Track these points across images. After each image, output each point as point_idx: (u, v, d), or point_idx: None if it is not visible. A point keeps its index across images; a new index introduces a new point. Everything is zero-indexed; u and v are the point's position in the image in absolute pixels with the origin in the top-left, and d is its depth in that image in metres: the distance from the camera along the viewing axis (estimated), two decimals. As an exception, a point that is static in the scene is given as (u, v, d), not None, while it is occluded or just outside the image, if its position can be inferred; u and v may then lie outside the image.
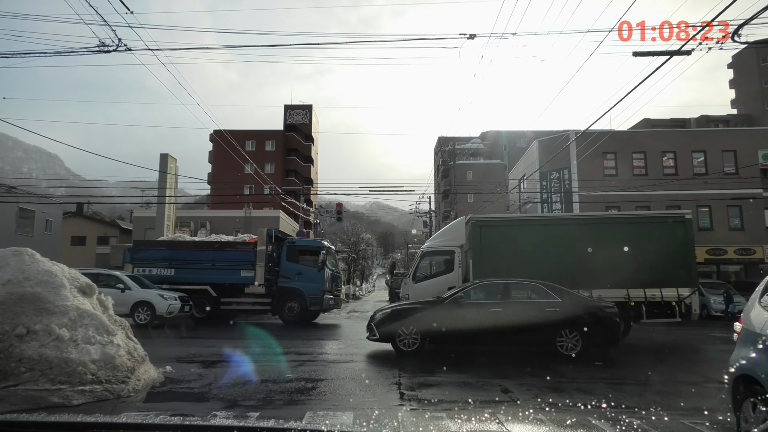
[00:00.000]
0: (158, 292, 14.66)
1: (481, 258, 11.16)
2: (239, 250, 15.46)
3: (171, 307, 14.21)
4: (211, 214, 36.31)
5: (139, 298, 14.07)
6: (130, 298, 14.05)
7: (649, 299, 10.95)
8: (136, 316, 13.82)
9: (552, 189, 25.61)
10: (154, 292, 14.54)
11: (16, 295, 5.67)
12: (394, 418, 4.57)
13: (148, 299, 14.15)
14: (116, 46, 10.16)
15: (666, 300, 10.92)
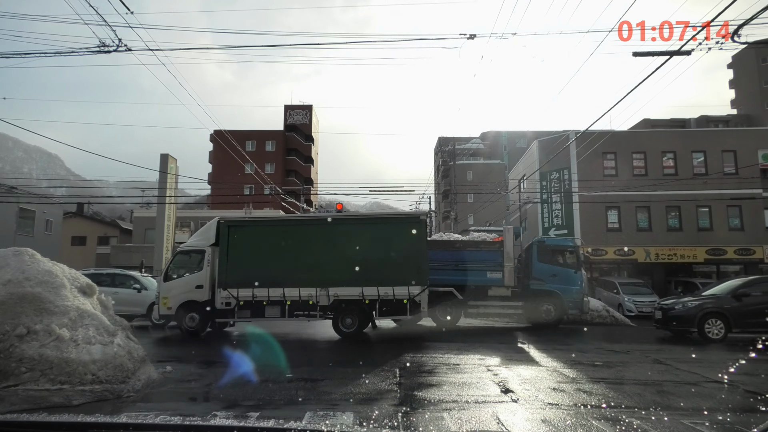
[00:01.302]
0: None
1: (227, 257, 11.40)
2: (485, 250, 14.38)
3: None
4: (211, 214, 36.27)
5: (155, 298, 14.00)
6: (146, 299, 14.01)
7: (382, 297, 11.25)
8: (152, 317, 13.73)
9: (552, 189, 25.62)
10: None
11: (16, 295, 5.67)
12: (394, 417, 4.57)
13: None
14: (116, 46, 10.17)
15: (398, 298, 11.23)
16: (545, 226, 25.94)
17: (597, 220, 24.37)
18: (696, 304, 11.73)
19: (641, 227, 24.47)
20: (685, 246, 23.59)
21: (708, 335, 11.23)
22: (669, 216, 24.42)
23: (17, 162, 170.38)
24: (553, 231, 25.52)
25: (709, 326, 11.26)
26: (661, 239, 23.92)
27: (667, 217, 24.41)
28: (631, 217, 24.45)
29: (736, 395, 5.97)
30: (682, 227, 24.25)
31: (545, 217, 26.03)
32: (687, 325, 11.47)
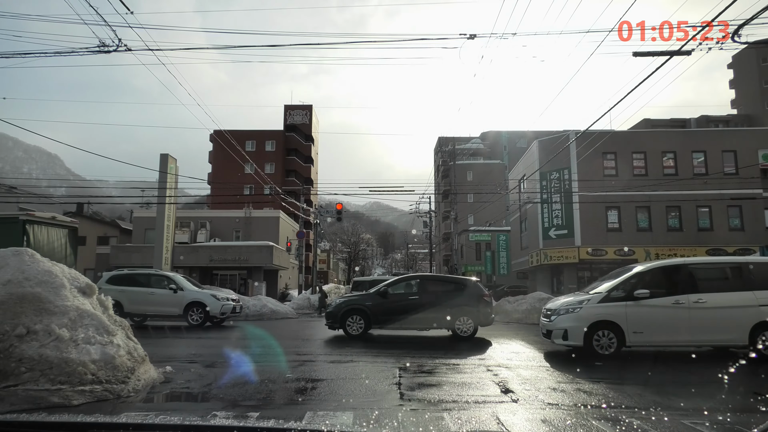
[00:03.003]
0: (211, 293, 14.45)
1: None
2: None
3: (224, 308, 14.01)
4: (211, 215, 36.32)
5: (192, 299, 13.84)
6: (183, 299, 13.87)
7: None
8: (189, 317, 13.70)
9: (552, 189, 25.61)
10: (206, 293, 14.35)
11: (16, 295, 5.67)
12: (394, 418, 4.57)
13: (201, 300, 13.91)
14: (116, 46, 10.17)
15: None
16: (545, 226, 25.95)
17: (597, 220, 24.38)
18: (341, 301, 12.02)
19: (641, 227, 24.49)
20: (685, 246, 23.60)
21: (349, 331, 11.35)
22: (669, 216, 24.43)
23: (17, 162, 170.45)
24: (553, 231, 25.54)
25: (350, 323, 11.38)
26: (662, 239, 23.93)
27: (668, 217, 24.42)
28: (631, 217, 24.46)
29: (736, 395, 5.97)
30: (682, 227, 24.26)
31: (545, 217, 26.04)
32: (332, 321, 11.68)
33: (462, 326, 11.23)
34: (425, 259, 68.62)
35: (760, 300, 8.32)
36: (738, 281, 8.74)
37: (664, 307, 8.43)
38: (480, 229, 41.80)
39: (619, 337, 8.46)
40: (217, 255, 30.10)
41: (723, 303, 8.41)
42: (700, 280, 8.89)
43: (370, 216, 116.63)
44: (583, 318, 8.64)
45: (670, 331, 8.42)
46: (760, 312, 8.24)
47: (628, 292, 8.67)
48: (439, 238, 59.59)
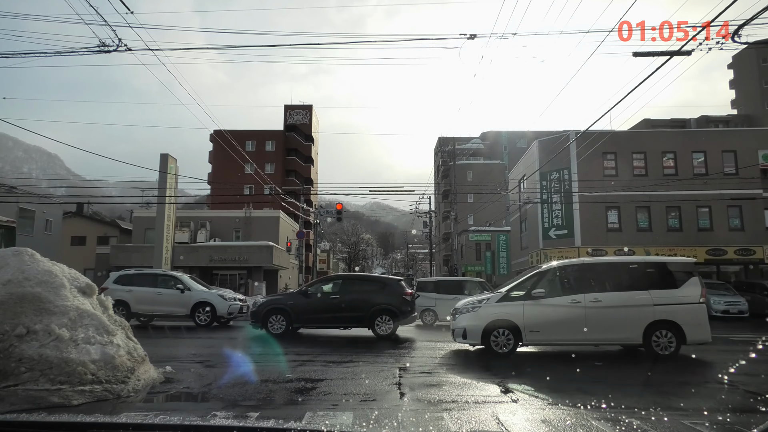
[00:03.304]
0: (218, 293, 14.46)
1: None
2: None
3: (231, 308, 14.06)
4: (211, 215, 36.31)
5: (199, 299, 13.86)
6: (190, 299, 13.90)
7: None
8: (196, 317, 13.70)
9: (552, 189, 25.62)
10: (214, 293, 14.37)
11: (16, 295, 5.67)
12: (394, 418, 4.57)
13: (209, 300, 13.95)
14: (116, 46, 10.17)
15: None
16: (545, 227, 25.95)
17: (597, 220, 24.38)
18: (264, 300, 12.09)
19: (641, 227, 24.48)
20: (685, 246, 23.60)
21: (271, 330, 11.38)
22: (669, 216, 24.43)
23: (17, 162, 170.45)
24: (553, 231, 25.54)
25: (272, 322, 11.43)
26: (662, 239, 23.93)
27: (668, 218, 24.42)
28: (631, 218, 24.46)
29: (735, 395, 5.97)
30: (682, 227, 24.26)
31: (545, 217, 26.04)
32: (254, 320, 11.75)
33: (382, 325, 11.34)
34: (425, 259, 68.63)
35: (655, 299, 8.43)
36: (635, 281, 8.82)
37: (561, 306, 8.54)
38: (480, 229, 41.80)
39: (516, 335, 8.55)
40: (217, 255, 30.10)
41: (619, 302, 8.52)
42: (599, 279, 9.01)
43: (370, 216, 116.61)
44: (482, 317, 8.76)
45: (566, 330, 8.50)
46: (655, 311, 8.35)
47: (527, 292, 8.79)
48: (439, 238, 59.59)
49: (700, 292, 8.54)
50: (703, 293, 8.60)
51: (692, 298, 8.48)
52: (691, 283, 8.60)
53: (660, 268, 9.12)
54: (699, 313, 8.48)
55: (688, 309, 8.40)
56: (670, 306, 8.36)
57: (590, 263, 9.80)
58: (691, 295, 8.49)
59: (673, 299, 8.43)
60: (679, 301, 8.44)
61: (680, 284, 8.62)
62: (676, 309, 8.35)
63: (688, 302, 8.45)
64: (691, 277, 8.69)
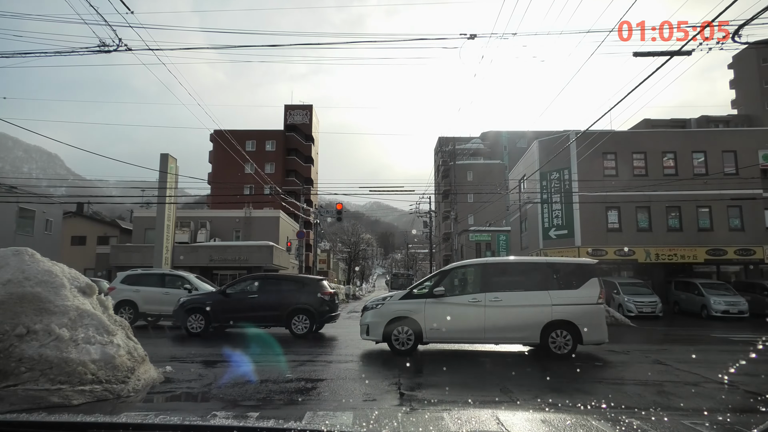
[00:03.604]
0: None
1: None
2: None
3: None
4: (211, 214, 36.30)
5: None
6: None
7: None
8: None
9: (552, 189, 25.61)
10: None
11: (16, 295, 5.67)
12: (394, 418, 4.56)
13: None
14: (117, 45, 10.16)
15: None
16: (545, 227, 25.94)
17: (597, 220, 24.37)
18: (185, 300, 12.20)
19: (641, 227, 24.47)
20: (685, 246, 23.59)
21: (190, 329, 11.57)
22: (669, 216, 24.41)
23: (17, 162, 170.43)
24: (553, 231, 25.53)
25: (191, 321, 11.62)
26: (662, 239, 23.92)
27: (668, 218, 24.40)
28: (631, 218, 24.45)
29: (735, 396, 5.97)
30: (682, 227, 24.24)
31: (545, 217, 26.03)
32: (175, 319, 12.01)
33: (298, 324, 11.50)
34: (425, 259, 68.62)
35: (554, 300, 8.51)
36: (536, 281, 8.90)
37: (462, 305, 8.64)
38: (480, 229, 41.79)
39: (418, 333, 8.61)
40: (217, 255, 30.09)
41: (518, 302, 8.61)
42: (500, 278, 9.08)
43: (370, 216, 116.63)
44: (384, 314, 8.83)
45: (466, 328, 8.58)
46: (553, 311, 8.43)
47: (429, 290, 8.86)
48: (439, 238, 59.59)
49: (598, 293, 8.63)
50: (602, 294, 8.69)
51: (590, 299, 8.58)
52: (590, 285, 8.68)
53: (560, 268, 9.27)
54: (596, 314, 8.60)
55: (586, 310, 8.51)
56: (568, 306, 8.47)
57: (493, 262, 9.85)
58: (589, 296, 8.59)
59: (571, 300, 8.54)
60: (578, 301, 8.54)
61: (580, 285, 8.70)
62: (574, 309, 8.46)
63: (586, 303, 8.55)
64: (591, 279, 8.77)
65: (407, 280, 41.76)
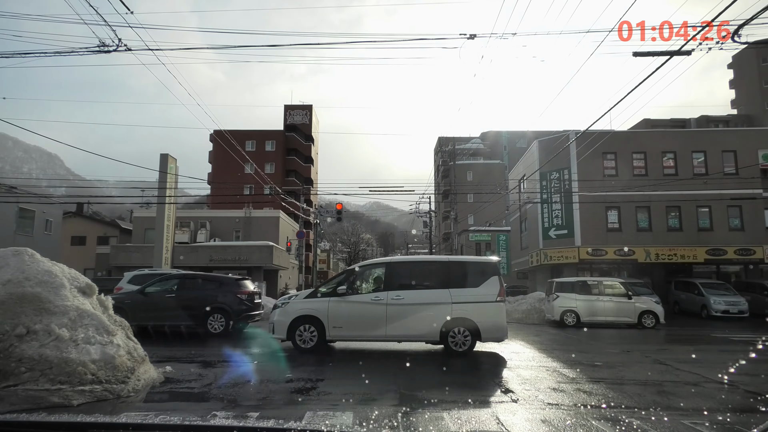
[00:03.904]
0: None
1: None
2: None
3: None
4: (211, 215, 36.29)
5: None
6: None
7: None
8: None
9: (552, 189, 25.61)
10: None
11: (16, 295, 5.67)
12: (393, 417, 4.57)
13: None
14: (116, 46, 10.16)
15: None
16: (545, 226, 25.95)
17: (597, 220, 24.37)
18: None
19: (641, 227, 24.47)
20: (685, 246, 23.59)
21: None
22: (669, 216, 24.42)
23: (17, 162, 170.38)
24: (553, 231, 25.53)
25: None
26: (662, 239, 23.92)
27: (668, 217, 24.41)
28: (631, 217, 24.45)
29: (735, 395, 5.97)
30: (682, 227, 24.25)
31: (545, 217, 26.03)
32: None
33: (214, 323, 11.62)
34: (425, 259, 68.38)
35: (454, 298, 8.63)
36: (438, 280, 9.01)
37: (364, 303, 8.74)
38: (480, 229, 41.79)
39: (321, 331, 8.68)
40: (217, 255, 30.09)
41: (419, 300, 8.70)
42: (404, 277, 9.18)
43: (370, 216, 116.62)
44: (288, 312, 8.93)
45: (368, 326, 8.65)
46: (453, 309, 8.55)
47: (334, 289, 8.97)
48: (439, 238, 59.58)
49: (497, 290, 8.74)
50: (501, 292, 8.78)
51: (490, 296, 8.69)
52: (491, 283, 8.80)
53: (462, 267, 9.43)
54: (495, 311, 8.69)
55: (485, 307, 8.63)
56: (467, 304, 8.60)
57: (397, 261, 9.94)
58: (488, 294, 8.71)
59: (471, 297, 8.66)
60: (477, 299, 8.65)
61: (480, 283, 8.81)
62: (473, 307, 8.58)
63: (485, 301, 8.66)
64: (491, 277, 8.86)
65: None
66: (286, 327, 8.75)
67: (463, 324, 8.50)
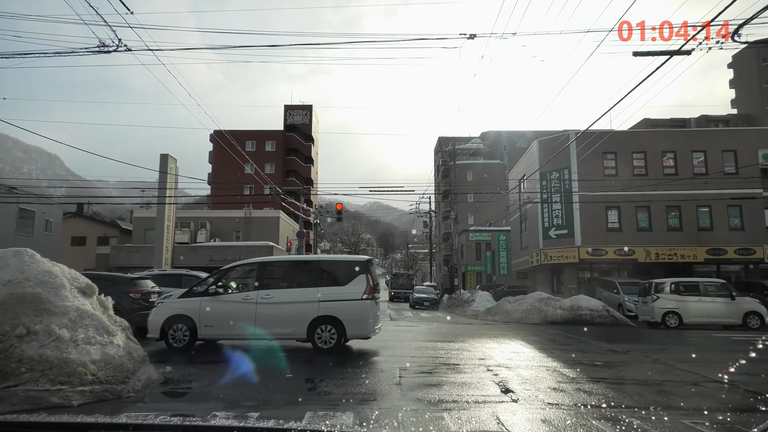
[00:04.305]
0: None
1: None
2: None
3: None
4: (211, 215, 36.32)
5: None
6: None
7: None
8: None
9: (552, 189, 25.61)
10: None
11: (16, 296, 5.67)
12: (394, 418, 4.57)
13: None
14: (116, 46, 10.16)
15: None
16: (545, 226, 25.95)
17: (597, 220, 24.37)
18: None
19: (641, 227, 24.47)
20: (685, 246, 23.59)
21: None
22: (669, 216, 24.42)
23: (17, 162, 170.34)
24: (553, 231, 25.54)
25: None
26: (662, 239, 23.92)
27: (668, 217, 24.41)
28: (631, 217, 24.45)
29: (736, 395, 5.97)
30: (682, 227, 24.25)
31: (545, 217, 26.04)
32: None
33: None
34: (425, 258, 68.61)
35: (322, 296, 8.76)
36: (308, 278, 9.19)
37: (234, 302, 8.88)
38: (480, 229, 41.79)
39: (193, 330, 8.80)
40: (217, 255, 30.10)
41: (288, 299, 8.81)
42: (275, 276, 9.36)
43: (370, 216, 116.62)
44: (162, 312, 9.05)
45: (238, 325, 8.74)
46: (320, 307, 8.68)
47: (206, 288, 9.11)
48: (439, 238, 59.59)
49: (364, 288, 8.81)
50: (369, 290, 8.85)
51: (356, 294, 8.79)
52: (358, 281, 8.88)
53: (332, 266, 9.67)
54: (361, 309, 8.78)
55: (351, 305, 8.74)
56: (334, 302, 8.73)
57: (269, 261, 10.11)
58: (355, 292, 8.81)
59: (338, 296, 8.80)
60: (344, 297, 8.78)
61: (348, 282, 8.93)
62: (340, 305, 8.72)
63: (352, 299, 8.77)
64: (359, 275, 8.96)
65: (407, 280, 41.78)
66: (159, 326, 8.86)
67: (330, 322, 8.67)
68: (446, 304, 29.48)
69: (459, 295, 28.92)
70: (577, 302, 17.64)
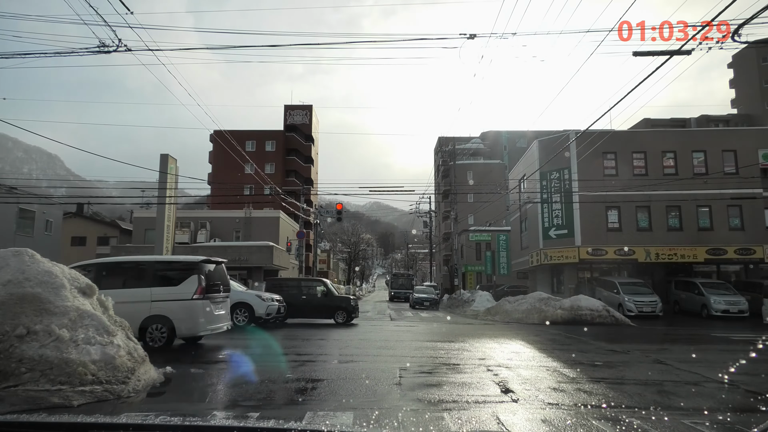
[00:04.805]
0: (256, 293, 14.55)
1: None
2: None
3: (269, 309, 14.06)
4: (211, 215, 36.30)
5: (237, 300, 13.79)
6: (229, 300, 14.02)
7: None
8: (234, 318, 13.60)
9: (552, 189, 25.60)
10: (252, 294, 14.46)
11: (16, 296, 5.67)
12: (394, 418, 4.57)
13: (247, 301, 13.97)
14: (116, 46, 10.16)
15: None
16: (545, 226, 25.94)
17: (597, 220, 24.36)
18: None
19: (641, 227, 24.46)
20: (685, 246, 23.58)
21: None
22: (669, 216, 24.41)
23: (17, 162, 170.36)
24: (553, 231, 25.53)
25: None
26: (662, 239, 23.91)
27: (668, 217, 24.40)
28: (631, 217, 24.44)
29: (736, 395, 5.97)
30: (682, 227, 24.24)
31: (545, 217, 26.03)
32: None
33: None
34: (425, 258, 68.61)
35: (154, 296, 9.03)
36: (143, 279, 9.42)
37: None
38: (480, 229, 41.77)
39: None
40: (217, 255, 30.05)
41: (122, 299, 8.84)
42: (114, 277, 9.50)
43: (370, 216, 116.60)
44: None
45: None
46: (152, 307, 8.95)
47: None
48: (439, 238, 59.59)
49: (195, 288, 9.08)
50: (199, 290, 9.10)
51: (186, 294, 9.07)
52: (189, 281, 9.16)
53: (166, 266, 9.93)
54: (190, 309, 9.06)
55: (181, 305, 9.02)
56: (165, 302, 9.01)
57: (108, 262, 10.38)
58: (185, 292, 9.08)
59: (169, 296, 9.07)
60: (175, 297, 9.05)
61: (180, 282, 9.18)
62: (170, 305, 9.00)
63: (182, 298, 9.05)
64: (191, 276, 9.20)
65: (407, 280, 41.76)
66: None
67: (160, 321, 8.93)
68: (446, 304, 29.48)
69: (459, 295, 28.92)
70: (577, 302, 17.63)
